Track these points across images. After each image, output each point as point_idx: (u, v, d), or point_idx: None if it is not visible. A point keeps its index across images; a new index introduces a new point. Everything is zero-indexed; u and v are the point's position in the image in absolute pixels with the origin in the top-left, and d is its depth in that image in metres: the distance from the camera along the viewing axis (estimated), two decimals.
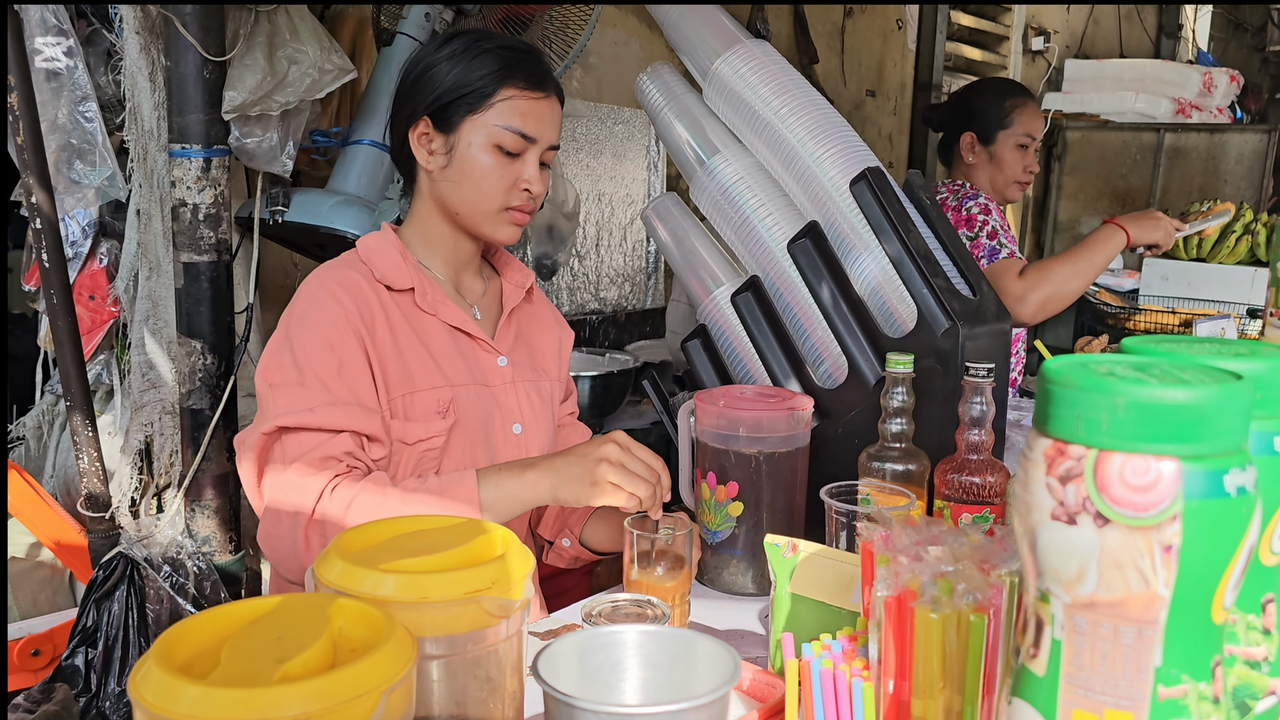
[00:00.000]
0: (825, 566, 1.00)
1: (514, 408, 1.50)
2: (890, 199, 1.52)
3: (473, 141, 1.39)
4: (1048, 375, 0.56)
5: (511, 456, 1.48)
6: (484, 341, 1.48)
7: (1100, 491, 0.52)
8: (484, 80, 1.38)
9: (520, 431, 1.50)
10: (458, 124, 1.39)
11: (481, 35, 1.43)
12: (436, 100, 1.39)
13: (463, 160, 1.40)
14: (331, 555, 0.88)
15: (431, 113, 1.40)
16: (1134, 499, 0.52)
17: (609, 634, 0.67)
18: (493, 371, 1.48)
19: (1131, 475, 0.52)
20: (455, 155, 1.40)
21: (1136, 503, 0.52)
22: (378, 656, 0.71)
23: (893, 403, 1.40)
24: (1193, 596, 0.53)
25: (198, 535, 1.92)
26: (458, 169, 1.40)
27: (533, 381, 1.54)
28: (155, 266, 1.91)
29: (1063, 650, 0.55)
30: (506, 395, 1.49)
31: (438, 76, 1.39)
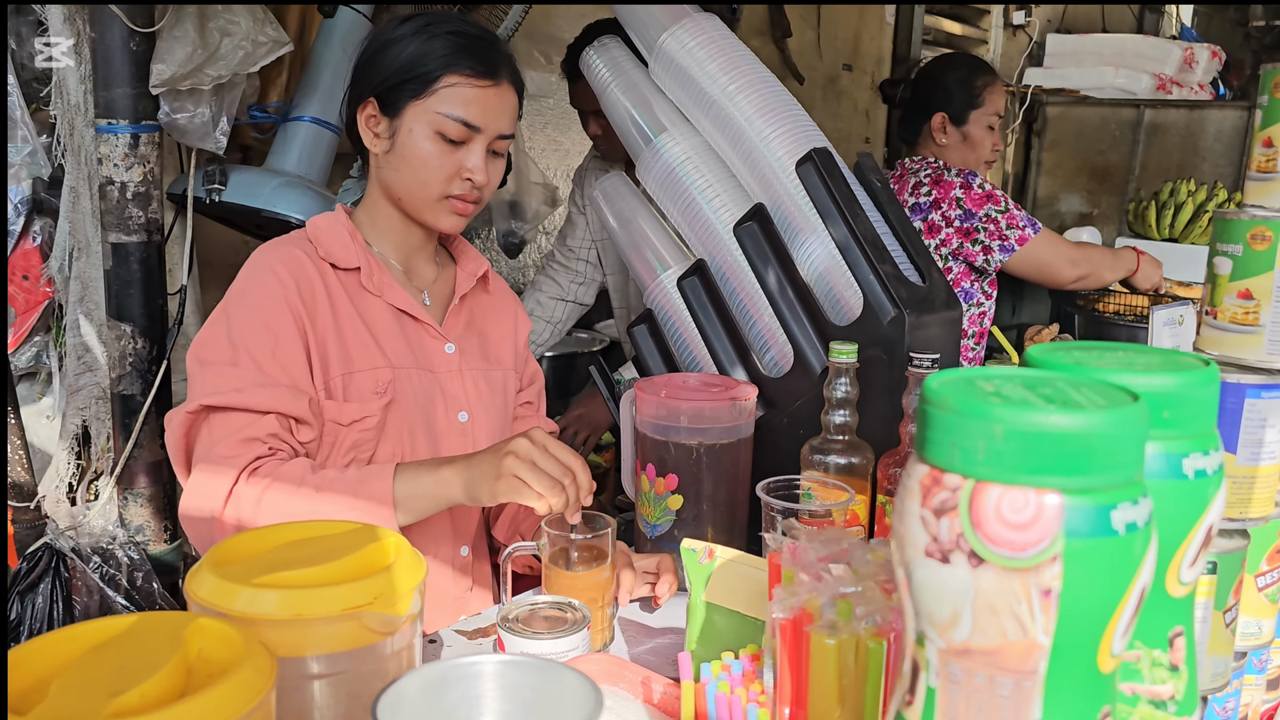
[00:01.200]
0: (742, 574, 0.95)
1: (460, 395, 1.46)
2: (837, 181, 1.46)
3: (414, 128, 1.35)
4: (926, 394, 0.50)
5: (457, 444, 1.45)
6: (430, 327, 1.44)
7: (975, 528, 0.47)
8: (429, 65, 1.33)
9: (467, 420, 1.46)
10: (401, 108, 1.35)
11: (437, 18, 1.38)
12: (383, 83, 1.35)
13: (404, 146, 1.36)
14: (204, 569, 0.82)
15: (378, 95, 1.36)
16: (1011, 537, 0.46)
17: (466, 666, 0.62)
18: (439, 358, 1.45)
19: (1009, 510, 0.46)
20: (397, 140, 1.36)
21: (1013, 541, 0.46)
22: (225, 687, 0.65)
23: (836, 394, 1.35)
24: (1076, 644, 0.47)
25: (130, 524, 1.86)
26: (399, 154, 1.37)
27: (483, 370, 1.50)
28: (84, 247, 1.84)
29: (937, 700, 0.50)
30: (452, 382, 1.45)
31: (387, 58, 1.35)
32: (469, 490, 1.22)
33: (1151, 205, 3.34)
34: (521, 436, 1.21)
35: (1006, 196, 2.42)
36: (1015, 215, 2.40)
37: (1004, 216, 2.40)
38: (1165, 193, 3.34)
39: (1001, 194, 2.42)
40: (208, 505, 1.23)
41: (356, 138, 1.41)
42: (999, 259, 2.41)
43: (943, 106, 2.50)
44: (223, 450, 1.24)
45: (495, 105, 1.37)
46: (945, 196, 2.42)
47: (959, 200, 2.41)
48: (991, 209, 2.41)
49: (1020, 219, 2.41)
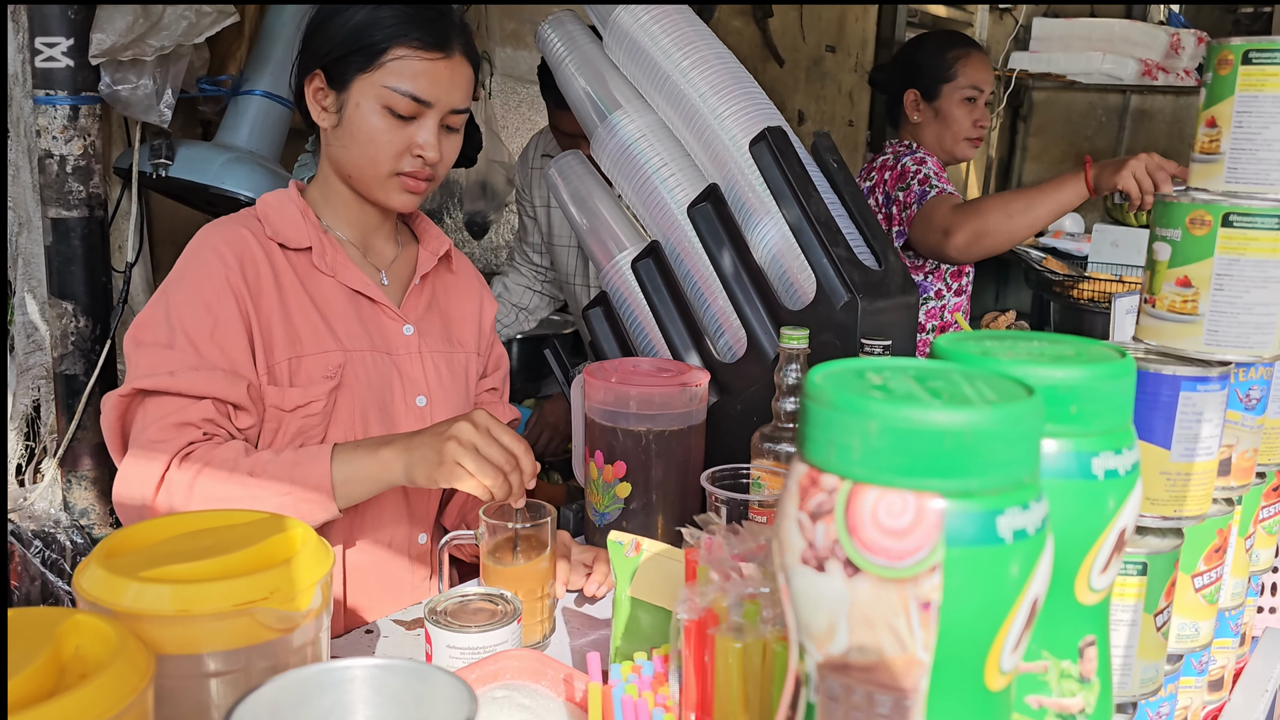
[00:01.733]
0: (667, 569, 0.91)
1: (419, 379, 1.41)
2: (791, 161, 1.41)
3: (361, 102, 1.29)
4: (807, 387, 0.46)
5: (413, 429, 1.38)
6: (388, 308, 1.39)
7: (851, 534, 0.43)
8: (376, 36, 1.28)
9: (425, 404, 1.41)
10: (349, 82, 1.30)
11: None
12: (329, 54, 1.30)
13: (351, 121, 1.30)
14: (92, 562, 0.78)
15: (324, 67, 1.31)
16: (887, 544, 0.42)
17: (336, 670, 0.58)
18: (396, 339, 1.39)
19: (886, 515, 0.42)
20: (345, 115, 1.31)
21: (890, 549, 0.42)
22: (93, 687, 0.61)
23: (787, 380, 1.31)
24: (960, 661, 0.43)
25: (75, 508, 1.81)
26: (347, 130, 1.31)
27: (444, 353, 1.45)
28: (25, 222, 1.78)
29: (816, 717, 0.46)
30: (410, 365, 1.40)
31: (334, 28, 1.29)
32: (408, 473, 1.18)
33: None
34: (463, 419, 1.16)
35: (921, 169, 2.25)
36: (912, 191, 2.23)
37: (904, 194, 2.26)
38: None
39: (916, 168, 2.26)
40: (139, 492, 1.19)
41: (306, 112, 1.36)
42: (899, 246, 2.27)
43: (914, 83, 2.39)
44: (154, 435, 1.20)
45: (446, 79, 1.31)
46: (879, 180, 2.34)
47: (885, 183, 2.32)
48: (898, 188, 2.27)
49: (914, 194, 2.23)
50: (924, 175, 2.23)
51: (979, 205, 2.15)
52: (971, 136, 2.40)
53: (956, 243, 2.14)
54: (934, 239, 2.18)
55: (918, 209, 2.20)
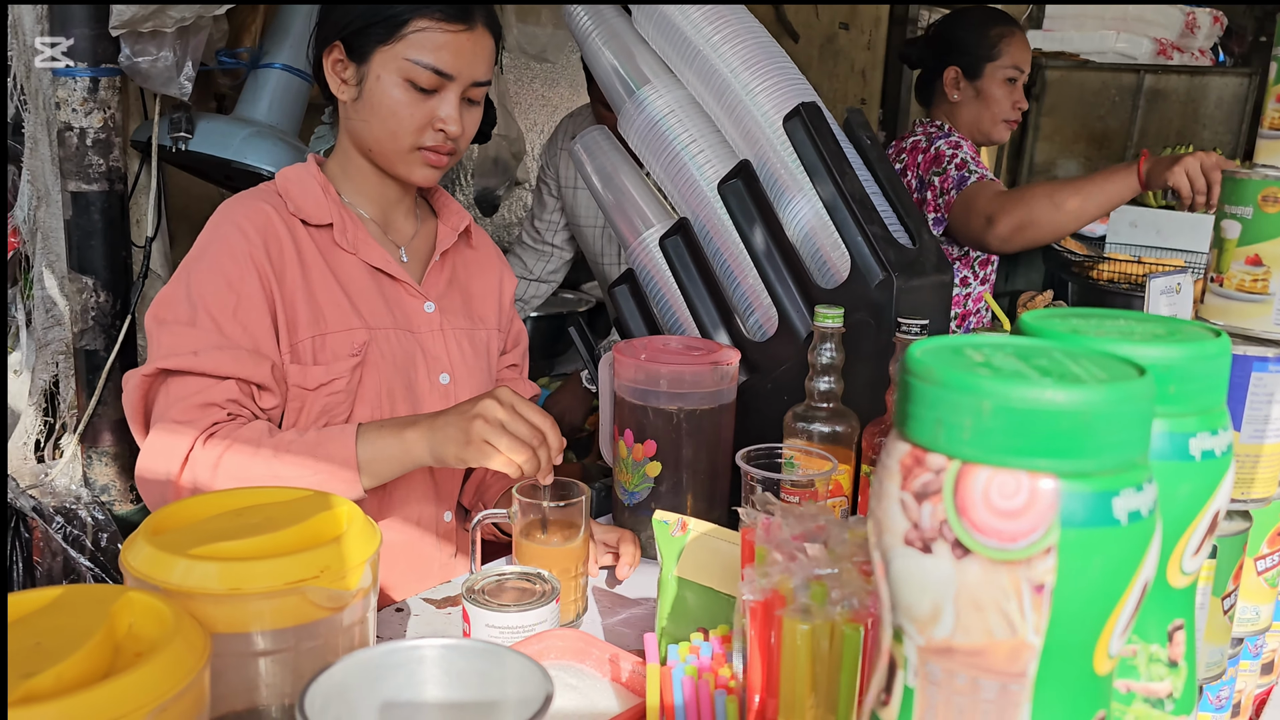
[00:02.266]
0: (715, 549, 0.90)
1: (442, 356, 1.40)
2: (825, 138, 1.40)
3: (381, 75, 1.28)
4: (908, 364, 0.45)
5: (439, 408, 1.38)
6: (409, 285, 1.38)
7: (960, 514, 0.42)
8: (398, 8, 1.26)
9: (448, 382, 1.40)
10: (369, 54, 1.28)
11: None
12: (348, 26, 1.28)
13: (372, 94, 1.29)
14: (140, 538, 0.77)
15: (344, 39, 1.29)
16: (1000, 526, 0.41)
17: (407, 650, 0.57)
18: (418, 317, 1.38)
19: (998, 496, 0.41)
20: (365, 88, 1.29)
21: (1003, 531, 0.41)
22: (149, 668, 0.61)
23: (821, 359, 1.30)
24: (1070, 645, 0.42)
25: (95, 484, 1.81)
26: (367, 103, 1.30)
27: (466, 330, 1.44)
28: (44, 196, 1.77)
29: (915, 701, 0.45)
30: (433, 342, 1.39)
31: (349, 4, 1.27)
32: (435, 452, 1.17)
33: None
34: (488, 397, 1.15)
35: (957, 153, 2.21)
36: (949, 176, 2.19)
37: (940, 179, 2.21)
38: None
39: (952, 152, 2.22)
40: (163, 470, 1.18)
41: (325, 84, 1.34)
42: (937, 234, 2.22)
43: (955, 60, 2.31)
44: (178, 414, 1.19)
45: (469, 51, 1.29)
46: (910, 162, 2.29)
47: (917, 166, 2.27)
48: (933, 172, 2.22)
49: (952, 179, 2.18)
50: (961, 159, 2.18)
51: (1025, 194, 2.07)
52: (1009, 118, 2.34)
53: (1000, 232, 2.07)
54: (976, 226, 2.11)
55: (956, 194, 2.15)
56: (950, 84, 2.34)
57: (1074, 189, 2.05)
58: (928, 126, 2.34)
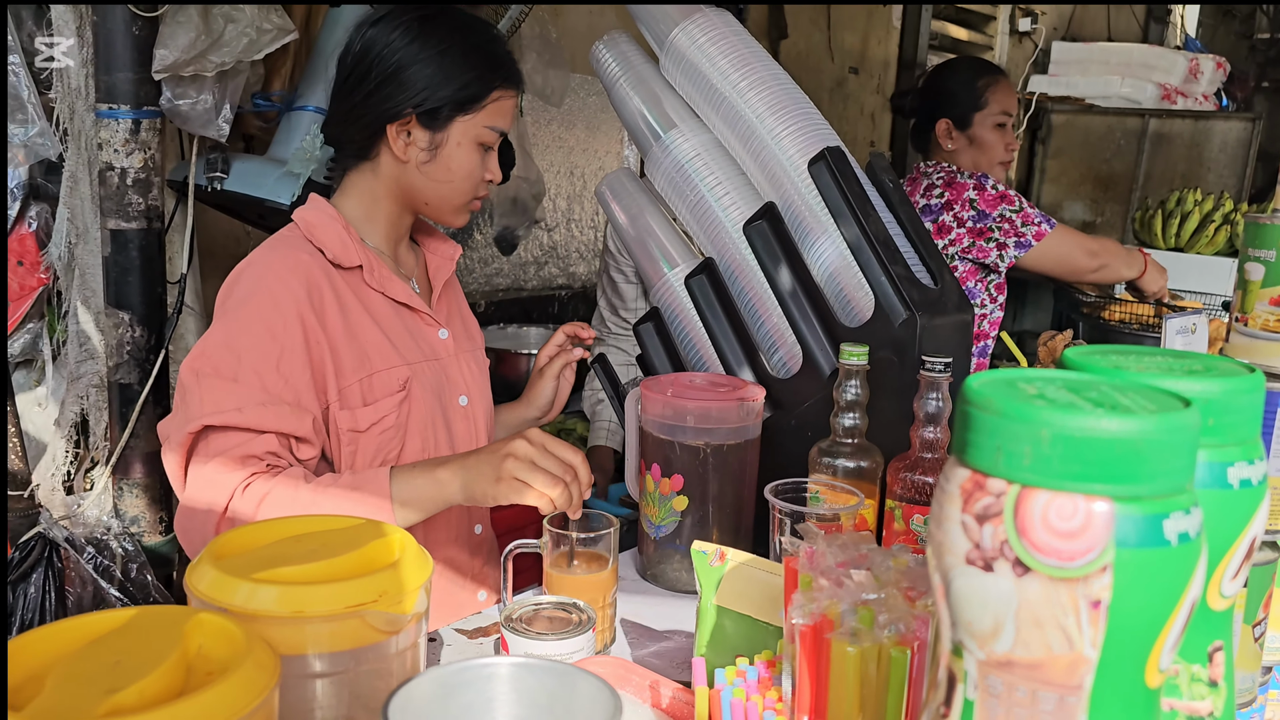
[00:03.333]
0: (753, 578, 0.93)
1: (460, 379, 1.48)
2: (850, 181, 1.44)
3: (461, 142, 1.38)
4: (968, 395, 0.48)
5: (461, 429, 1.46)
6: (427, 315, 1.45)
7: (1020, 535, 0.45)
8: (477, 83, 1.36)
9: (467, 403, 1.48)
10: (447, 123, 1.37)
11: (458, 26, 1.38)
12: (425, 100, 1.35)
13: (449, 159, 1.38)
14: (204, 561, 0.80)
15: (420, 110, 1.35)
16: (1058, 545, 0.44)
17: (479, 667, 0.59)
18: (438, 345, 1.46)
19: (1057, 518, 0.44)
20: (441, 153, 1.38)
21: (1061, 550, 0.44)
22: (226, 685, 0.63)
23: (846, 396, 1.33)
24: (1124, 658, 0.45)
25: (125, 515, 1.83)
26: (443, 166, 1.38)
27: (470, 351, 1.53)
28: (83, 233, 1.81)
29: (975, 713, 0.48)
30: (453, 368, 1.47)
31: (425, 74, 1.34)
32: (467, 491, 1.20)
33: (1158, 214, 3.32)
34: (520, 438, 1.19)
35: (1020, 197, 2.40)
36: (1030, 213, 2.39)
37: (1019, 215, 2.38)
38: (1172, 201, 3.32)
39: (1016, 194, 2.41)
40: (201, 520, 1.21)
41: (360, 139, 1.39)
42: (1014, 254, 2.38)
43: (946, 112, 2.47)
44: (218, 467, 1.21)
45: (515, 110, 1.43)
46: (958, 198, 2.40)
47: (973, 201, 2.38)
48: (1006, 209, 2.39)
49: (1035, 216, 2.39)
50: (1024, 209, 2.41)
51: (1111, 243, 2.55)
52: (1004, 160, 2.50)
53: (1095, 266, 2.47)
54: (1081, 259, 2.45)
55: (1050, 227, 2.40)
56: (944, 135, 2.50)
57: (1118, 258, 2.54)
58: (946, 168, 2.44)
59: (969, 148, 2.49)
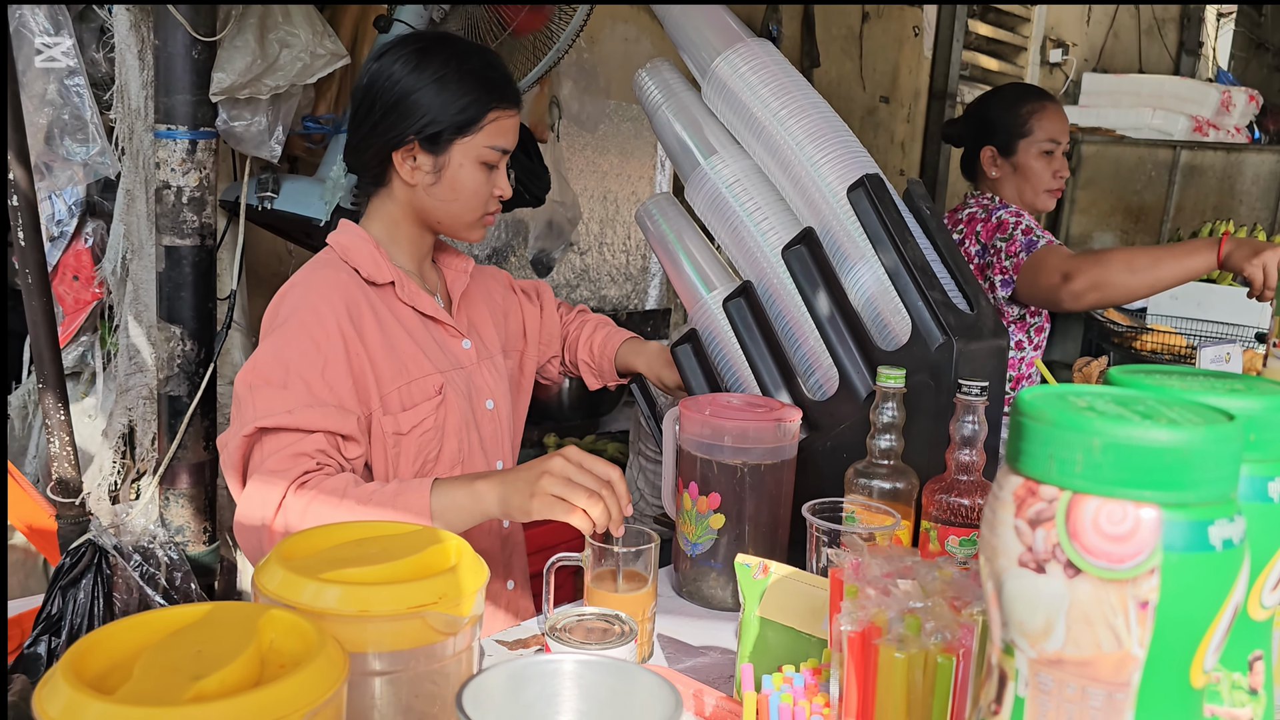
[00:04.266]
0: (796, 590, 0.95)
1: (484, 385, 1.56)
2: (888, 208, 1.47)
3: (464, 163, 1.44)
4: (1021, 407, 0.51)
5: (489, 430, 1.55)
6: (451, 327, 1.53)
7: (1072, 538, 0.47)
8: (473, 106, 1.43)
9: (493, 407, 1.56)
10: (447, 146, 1.43)
11: (454, 54, 1.45)
12: (425, 127, 1.42)
13: (453, 179, 1.45)
14: (272, 562, 0.84)
15: (420, 136, 1.42)
16: (1109, 548, 0.47)
17: (545, 663, 0.62)
18: (462, 355, 1.54)
19: (1107, 522, 0.47)
20: (445, 175, 1.45)
21: (1111, 553, 0.47)
22: (302, 676, 0.67)
23: (882, 418, 1.35)
24: (1170, 658, 0.48)
25: (171, 524, 1.88)
26: (448, 187, 1.45)
27: (490, 358, 1.60)
28: (138, 249, 1.87)
29: (1026, 709, 0.50)
30: (477, 375, 1.55)
31: (423, 102, 1.42)
32: (504, 506, 1.24)
33: None
34: (557, 455, 1.24)
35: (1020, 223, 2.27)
36: (1017, 241, 2.25)
37: (1006, 244, 2.27)
38: (1205, 232, 3.33)
39: (1015, 220, 2.28)
40: (259, 515, 1.27)
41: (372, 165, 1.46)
42: (1003, 295, 2.29)
43: (989, 139, 2.41)
44: (273, 465, 1.28)
45: (516, 127, 1.49)
46: (970, 231, 2.37)
47: (978, 235, 2.34)
48: (998, 238, 2.28)
49: (1020, 244, 2.25)
50: (1026, 225, 2.26)
51: (1103, 255, 2.14)
52: (1051, 188, 2.40)
53: (1074, 288, 2.11)
54: (1048, 283, 2.16)
55: (1026, 256, 2.22)
56: (988, 162, 2.43)
57: (1152, 257, 2.10)
58: (981, 199, 2.42)
59: (1013, 175, 2.41)
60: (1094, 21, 5.76)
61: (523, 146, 2.81)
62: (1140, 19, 6.00)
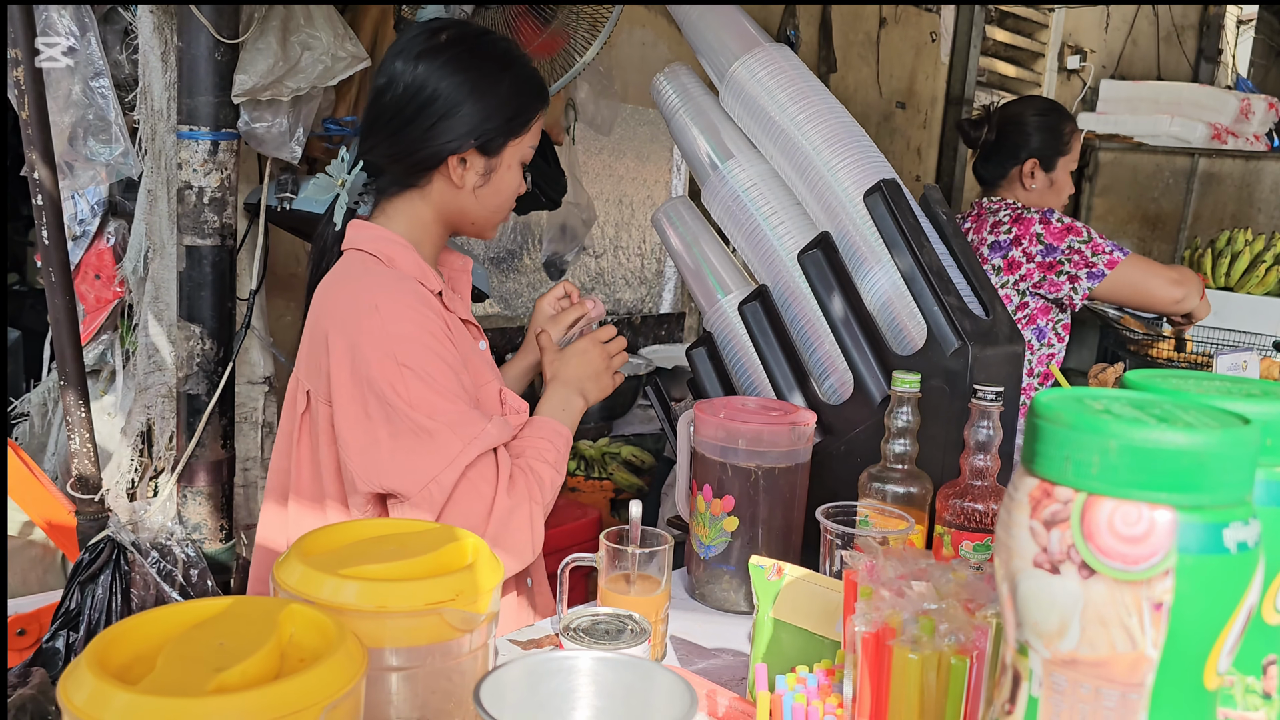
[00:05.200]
0: (810, 593, 0.96)
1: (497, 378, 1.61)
2: (904, 212, 1.47)
3: (511, 164, 1.47)
4: (1037, 409, 0.51)
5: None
6: (475, 326, 1.55)
7: (1087, 540, 0.48)
8: (525, 108, 1.46)
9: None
10: (500, 149, 1.44)
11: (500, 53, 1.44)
12: (485, 132, 1.41)
13: (501, 180, 1.47)
14: (292, 558, 0.85)
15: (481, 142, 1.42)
16: (1123, 550, 0.47)
17: (562, 659, 0.63)
18: (484, 354, 1.56)
19: (1122, 524, 0.47)
20: (494, 177, 1.46)
21: (1126, 554, 0.47)
22: (322, 669, 0.67)
23: (897, 422, 1.36)
24: (1184, 659, 0.48)
25: (188, 522, 1.89)
26: (494, 188, 1.47)
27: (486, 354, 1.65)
28: (159, 249, 1.89)
29: (1039, 710, 0.51)
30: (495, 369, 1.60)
31: (481, 107, 1.40)
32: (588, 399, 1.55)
33: (1208, 252, 3.32)
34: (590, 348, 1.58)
35: (1089, 228, 2.41)
36: (1099, 242, 2.39)
37: (1088, 246, 2.39)
38: (1222, 241, 3.31)
39: (1083, 226, 2.42)
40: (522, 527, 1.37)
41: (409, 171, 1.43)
42: (1087, 286, 2.39)
43: (1035, 153, 2.50)
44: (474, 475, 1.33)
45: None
46: (1026, 233, 2.42)
47: (1039, 235, 2.41)
48: (1074, 240, 2.40)
49: (1106, 245, 2.39)
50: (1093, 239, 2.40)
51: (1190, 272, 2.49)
52: (1064, 203, 2.57)
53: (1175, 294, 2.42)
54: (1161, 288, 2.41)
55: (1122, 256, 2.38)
56: (1028, 174, 2.52)
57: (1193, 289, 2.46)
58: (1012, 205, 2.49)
59: (1047, 189, 2.53)
60: (1112, 28, 5.74)
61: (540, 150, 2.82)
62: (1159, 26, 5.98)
